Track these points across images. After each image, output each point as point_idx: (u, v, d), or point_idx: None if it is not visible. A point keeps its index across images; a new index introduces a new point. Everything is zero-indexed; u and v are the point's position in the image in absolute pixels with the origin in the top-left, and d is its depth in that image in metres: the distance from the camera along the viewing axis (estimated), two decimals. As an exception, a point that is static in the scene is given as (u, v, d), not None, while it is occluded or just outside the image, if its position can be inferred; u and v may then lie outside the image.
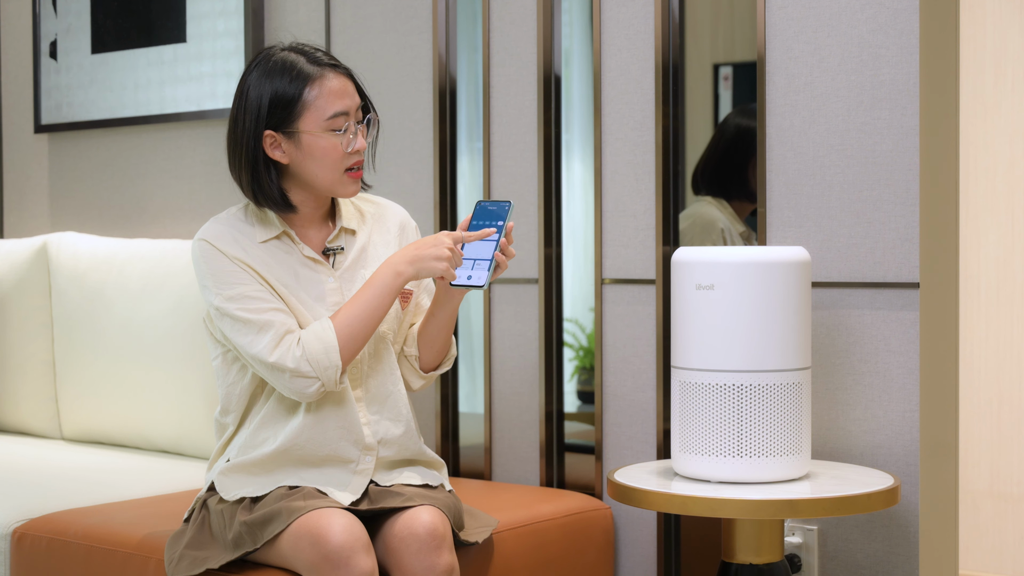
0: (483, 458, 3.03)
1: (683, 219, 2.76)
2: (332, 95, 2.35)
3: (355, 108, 2.37)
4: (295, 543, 2.20)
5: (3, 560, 2.63)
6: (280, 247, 2.39)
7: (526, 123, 2.96)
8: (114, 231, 3.66)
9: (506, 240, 2.33)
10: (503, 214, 2.34)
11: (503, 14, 2.98)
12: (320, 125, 2.34)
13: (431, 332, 2.45)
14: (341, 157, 2.35)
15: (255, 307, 2.31)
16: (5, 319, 3.49)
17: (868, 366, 2.56)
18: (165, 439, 3.21)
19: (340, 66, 2.39)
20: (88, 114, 3.72)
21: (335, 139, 2.34)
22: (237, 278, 2.33)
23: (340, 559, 2.16)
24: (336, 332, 2.29)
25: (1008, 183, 3.88)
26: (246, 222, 2.40)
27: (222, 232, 2.37)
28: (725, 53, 2.75)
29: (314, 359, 2.28)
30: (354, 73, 2.41)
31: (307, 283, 2.39)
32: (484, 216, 2.35)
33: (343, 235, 2.45)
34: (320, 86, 2.34)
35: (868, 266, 2.55)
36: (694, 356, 2.36)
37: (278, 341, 2.29)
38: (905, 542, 2.53)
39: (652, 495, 2.32)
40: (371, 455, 2.37)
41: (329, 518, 2.19)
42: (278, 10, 3.36)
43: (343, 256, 2.43)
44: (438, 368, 2.49)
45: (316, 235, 2.43)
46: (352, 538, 2.17)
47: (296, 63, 2.35)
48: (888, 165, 2.53)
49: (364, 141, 2.38)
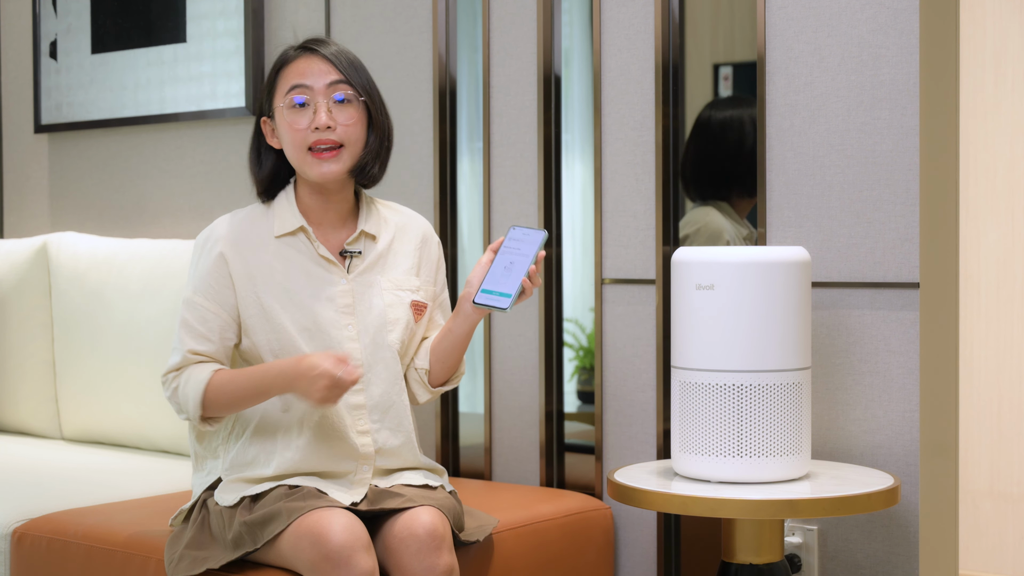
0: (483, 458, 3.03)
1: (685, 225, 2.76)
2: (296, 71, 2.37)
3: (323, 84, 2.35)
4: (296, 543, 2.20)
5: (3, 560, 2.63)
6: (295, 243, 2.39)
7: (526, 123, 2.96)
8: (114, 231, 3.65)
9: (535, 267, 2.31)
10: (536, 242, 2.33)
11: (503, 14, 2.98)
12: (284, 101, 2.36)
13: (445, 348, 2.44)
14: (301, 133, 2.34)
15: (195, 326, 2.36)
16: (5, 319, 3.49)
17: (868, 366, 2.56)
18: (165, 439, 3.21)
19: (319, 49, 2.38)
20: (88, 114, 3.72)
21: (294, 114, 2.35)
22: (209, 290, 2.36)
23: (341, 559, 2.15)
24: (207, 390, 2.32)
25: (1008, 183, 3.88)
26: (266, 216, 2.40)
27: (237, 228, 2.39)
28: (725, 53, 2.75)
29: (182, 399, 2.35)
30: (340, 56, 2.38)
31: (318, 283, 2.38)
32: (517, 241, 2.34)
33: (363, 239, 2.43)
34: (291, 66, 2.38)
35: (868, 266, 2.55)
36: (694, 356, 2.36)
37: (175, 367, 2.37)
38: (905, 542, 2.53)
39: (652, 495, 2.32)
40: (368, 465, 2.37)
41: (330, 517, 2.19)
42: (278, 10, 3.36)
43: (359, 260, 2.42)
44: (446, 384, 2.49)
45: (335, 236, 2.42)
46: (353, 538, 2.17)
47: (284, 52, 2.41)
48: (888, 165, 2.53)
49: (327, 117, 2.34)
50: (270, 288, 2.36)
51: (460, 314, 2.39)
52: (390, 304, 2.41)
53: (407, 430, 2.42)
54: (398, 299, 2.42)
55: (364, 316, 2.39)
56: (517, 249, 2.33)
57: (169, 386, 2.37)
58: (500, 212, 2.99)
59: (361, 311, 2.39)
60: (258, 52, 3.36)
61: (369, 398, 2.39)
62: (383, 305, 2.40)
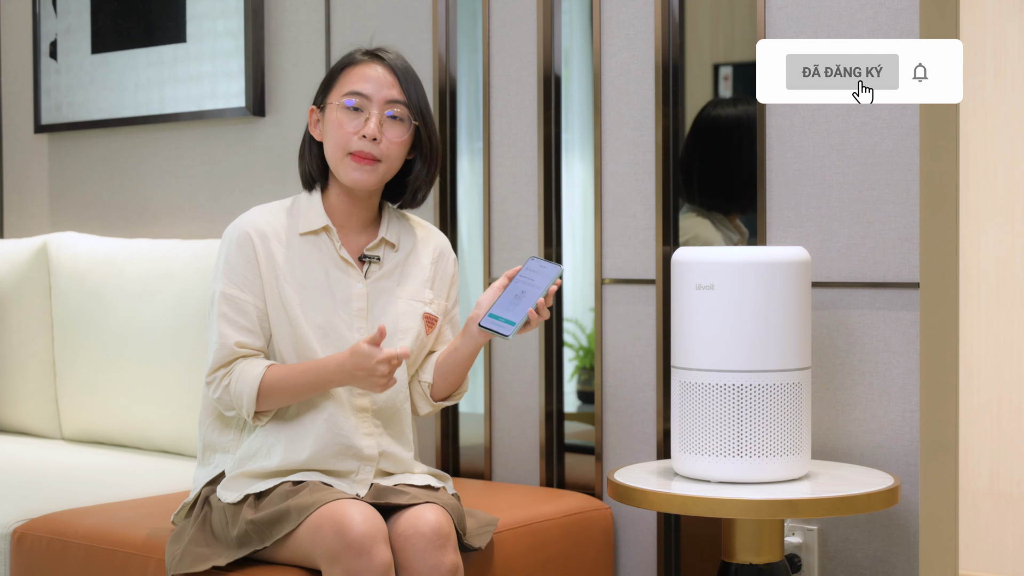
0: (483, 458, 3.03)
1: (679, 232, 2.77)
2: (359, 75, 2.39)
3: (383, 99, 2.38)
4: (315, 532, 2.20)
5: (3, 560, 2.63)
6: (317, 242, 2.41)
7: (526, 123, 2.96)
8: (114, 231, 3.65)
9: (543, 300, 2.34)
10: (550, 276, 2.36)
11: (503, 14, 2.98)
12: (338, 99, 2.37)
13: (450, 364, 2.46)
14: (346, 135, 2.37)
15: (235, 319, 2.35)
16: (5, 319, 3.49)
17: (868, 366, 2.56)
18: (165, 439, 3.21)
19: (390, 61, 2.41)
20: (88, 114, 3.72)
21: (344, 114, 2.36)
22: (244, 281, 2.35)
23: (363, 548, 2.16)
24: (262, 385, 2.32)
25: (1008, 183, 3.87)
26: (290, 213, 2.42)
27: (261, 223, 2.40)
28: (725, 53, 2.75)
29: (234, 395, 2.34)
30: (407, 75, 2.41)
31: (336, 284, 2.40)
32: (532, 272, 2.37)
33: (383, 246, 2.46)
34: (357, 68, 2.40)
35: (868, 266, 2.55)
36: (694, 356, 2.36)
37: (221, 364, 2.35)
38: (905, 542, 2.53)
39: (652, 495, 2.32)
40: (371, 466, 2.38)
41: (350, 508, 2.20)
42: (278, 10, 3.36)
43: (378, 266, 2.44)
44: (447, 400, 2.51)
45: (356, 240, 2.44)
46: (374, 528, 2.18)
47: (353, 53, 2.43)
48: (888, 165, 2.53)
49: (377, 130, 2.37)
50: (290, 283, 2.38)
51: (466, 334, 2.41)
52: (403, 313, 2.43)
53: (408, 438, 2.45)
54: (412, 309, 2.44)
55: (377, 321, 2.41)
56: (531, 280, 2.37)
57: (217, 384, 2.35)
58: (500, 212, 2.99)
59: (374, 316, 2.41)
60: (258, 52, 3.36)
61: (374, 402, 2.40)
62: (396, 313, 2.43)
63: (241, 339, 2.35)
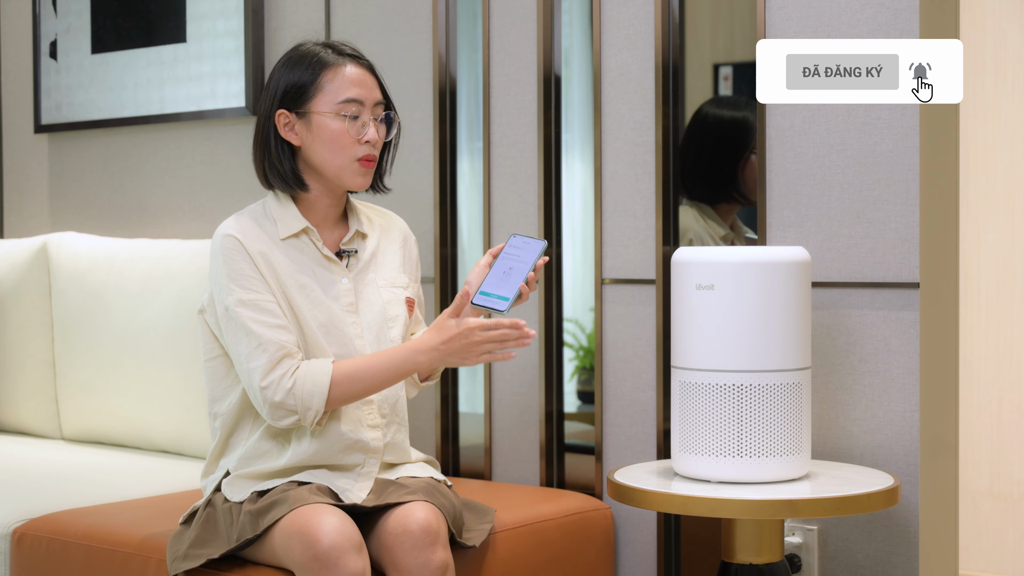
0: (483, 458, 3.03)
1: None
2: (347, 81, 2.38)
3: (372, 101, 2.40)
4: (286, 542, 2.20)
5: (3, 560, 2.63)
6: (298, 245, 2.41)
7: (526, 123, 2.96)
8: (114, 231, 3.65)
9: (533, 274, 2.34)
10: (536, 251, 2.35)
11: (503, 14, 2.98)
12: (331, 108, 2.36)
13: None
14: (351, 144, 2.37)
15: (263, 319, 2.31)
16: (5, 319, 3.49)
17: (868, 366, 2.56)
18: (165, 439, 3.21)
19: (364, 60, 2.42)
20: (88, 114, 3.72)
21: (345, 123, 2.36)
22: (254, 284, 2.33)
23: (330, 560, 2.15)
24: (333, 381, 2.29)
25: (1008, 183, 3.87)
26: (266, 219, 2.41)
27: (248, 227, 2.38)
28: (725, 53, 2.75)
29: (301, 398, 2.28)
30: (378, 71, 2.44)
31: (324, 282, 2.41)
32: (517, 248, 2.37)
33: (356, 238, 2.47)
34: (336, 72, 2.38)
35: (868, 266, 2.55)
36: (694, 356, 2.36)
37: (273, 365, 2.29)
38: (905, 542, 2.53)
39: (652, 495, 2.32)
40: (376, 458, 2.39)
41: (320, 517, 2.19)
42: (278, 10, 3.36)
43: (356, 259, 2.45)
44: (429, 379, 2.51)
45: (330, 236, 2.45)
46: (343, 539, 2.17)
47: (318, 53, 2.40)
48: (888, 165, 2.53)
49: (377, 134, 2.39)
50: (290, 285, 2.37)
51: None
52: (388, 301, 2.45)
53: (407, 423, 2.47)
54: (394, 296, 2.46)
55: (366, 313, 2.42)
56: (517, 256, 2.36)
57: (278, 390, 2.28)
58: (500, 212, 2.99)
59: (363, 308, 2.42)
60: (258, 52, 3.36)
61: (378, 394, 2.40)
62: (382, 303, 2.44)
63: (281, 338, 2.30)
